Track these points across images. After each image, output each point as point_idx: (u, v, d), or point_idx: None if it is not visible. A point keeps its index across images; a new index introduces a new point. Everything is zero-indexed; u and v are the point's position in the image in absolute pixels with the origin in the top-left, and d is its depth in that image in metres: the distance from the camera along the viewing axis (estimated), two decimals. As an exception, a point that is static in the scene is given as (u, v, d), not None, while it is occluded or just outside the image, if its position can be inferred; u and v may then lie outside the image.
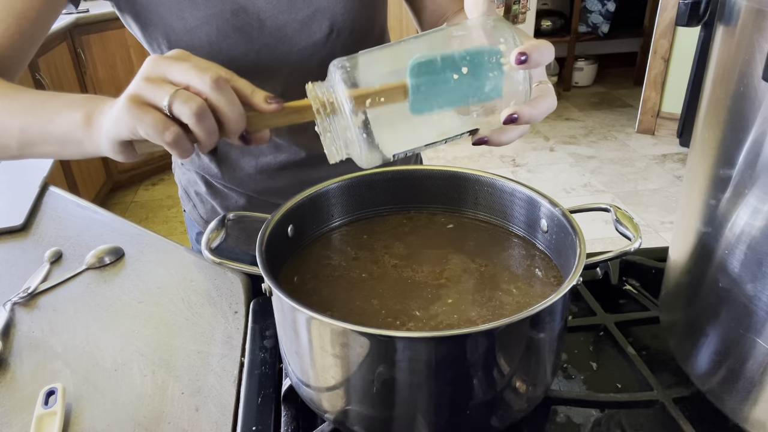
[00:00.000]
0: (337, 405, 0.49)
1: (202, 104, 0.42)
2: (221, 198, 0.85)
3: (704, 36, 2.99)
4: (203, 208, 0.87)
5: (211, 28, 0.65)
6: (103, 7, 2.84)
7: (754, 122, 0.43)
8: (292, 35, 0.69)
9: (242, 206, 0.82)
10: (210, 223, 0.74)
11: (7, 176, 1.08)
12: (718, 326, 0.50)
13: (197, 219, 0.88)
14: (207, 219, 0.86)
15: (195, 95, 0.43)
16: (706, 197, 0.50)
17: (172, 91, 0.42)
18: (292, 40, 0.69)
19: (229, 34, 0.66)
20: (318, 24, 0.69)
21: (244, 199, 0.83)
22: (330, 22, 0.70)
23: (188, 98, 0.42)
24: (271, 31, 0.68)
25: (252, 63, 0.69)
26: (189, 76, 0.43)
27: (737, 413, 0.49)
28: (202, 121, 0.43)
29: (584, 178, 3.12)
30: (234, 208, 0.83)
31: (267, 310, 0.70)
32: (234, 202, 0.83)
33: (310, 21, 0.69)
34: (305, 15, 0.68)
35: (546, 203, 0.58)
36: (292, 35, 0.69)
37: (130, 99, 0.43)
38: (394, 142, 0.47)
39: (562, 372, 0.61)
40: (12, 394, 0.60)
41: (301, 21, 0.68)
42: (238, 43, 0.67)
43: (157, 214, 2.92)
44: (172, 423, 0.56)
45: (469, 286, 0.56)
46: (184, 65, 0.43)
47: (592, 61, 4.43)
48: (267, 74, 0.71)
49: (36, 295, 0.75)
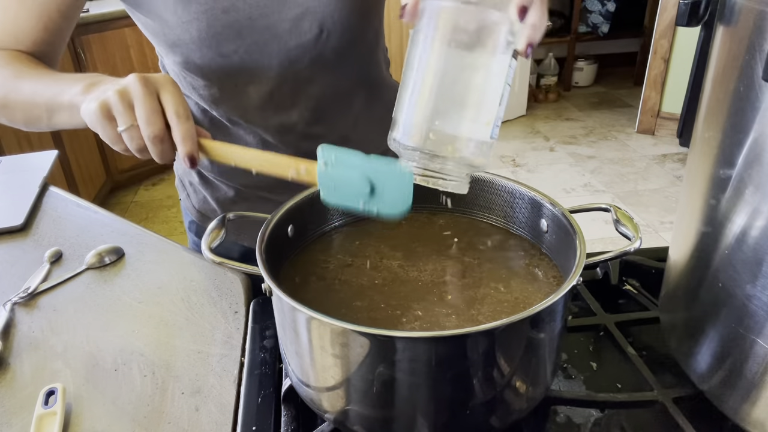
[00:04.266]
0: (337, 405, 0.49)
1: (142, 145, 0.54)
2: (212, 189, 0.86)
3: (704, 36, 2.99)
4: (196, 197, 0.88)
5: (202, 24, 0.66)
6: (103, 7, 2.84)
7: (754, 122, 0.43)
8: (281, 34, 0.69)
9: (231, 198, 0.84)
10: (201, 212, 0.78)
11: (7, 176, 1.08)
12: (718, 326, 0.50)
13: (190, 208, 0.90)
14: (199, 208, 0.88)
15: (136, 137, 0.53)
16: (706, 197, 0.50)
17: (128, 125, 0.53)
18: (282, 40, 0.70)
19: (220, 30, 0.67)
20: (308, 24, 0.69)
21: (233, 191, 0.84)
22: (320, 23, 0.70)
23: (133, 138, 0.54)
24: (261, 29, 0.68)
25: (241, 60, 0.70)
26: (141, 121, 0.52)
27: (737, 413, 0.49)
28: (141, 153, 0.55)
29: (584, 178, 3.12)
30: (224, 199, 0.85)
31: (267, 310, 0.70)
32: (224, 194, 0.85)
33: (300, 21, 0.69)
34: (295, 15, 0.68)
35: (546, 203, 0.58)
36: (282, 34, 0.69)
37: (101, 107, 0.53)
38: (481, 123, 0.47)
39: (562, 372, 0.61)
40: (12, 394, 0.60)
41: (291, 21, 0.69)
42: (228, 40, 0.68)
43: (157, 214, 2.92)
44: (172, 423, 0.56)
45: (468, 285, 0.56)
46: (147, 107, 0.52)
47: (592, 61, 4.43)
48: (256, 72, 0.71)
49: (36, 295, 0.75)
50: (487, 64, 0.46)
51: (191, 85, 0.75)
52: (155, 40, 0.72)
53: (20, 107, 0.64)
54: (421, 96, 0.47)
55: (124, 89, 0.52)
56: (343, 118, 0.80)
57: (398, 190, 0.49)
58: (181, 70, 0.73)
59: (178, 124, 0.53)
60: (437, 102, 0.46)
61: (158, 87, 0.53)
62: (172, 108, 0.53)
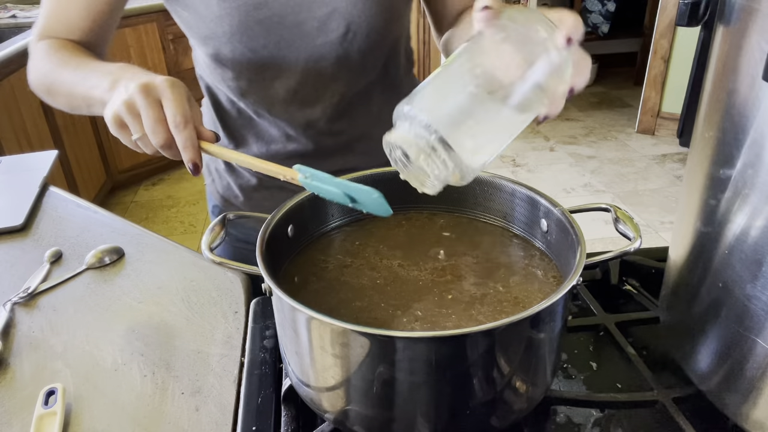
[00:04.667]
0: (337, 405, 0.49)
1: (153, 150, 0.57)
2: (236, 176, 0.88)
3: (704, 36, 2.98)
4: (220, 183, 0.91)
5: (234, 19, 0.69)
6: (103, 7, 2.84)
7: (754, 122, 0.43)
8: (309, 32, 0.72)
9: (253, 185, 0.87)
10: (225, 197, 0.85)
11: (7, 176, 1.08)
12: (718, 326, 0.50)
13: (214, 193, 0.93)
14: (222, 194, 0.91)
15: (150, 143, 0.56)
16: (706, 197, 0.50)
17: (139, 135, 0.56)
18: (309, 37, 0.72)
19: (251, 26, 0.70)
20: (335, 23, 0.72)
21: (256, 179, 0.87)
22: (347, 23, 0.72)
23: (146, 145, 0.57)
24: (290, 26, 0.71)
25: (270, 55, 0.73)
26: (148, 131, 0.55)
27: (737, 413, 0.49)
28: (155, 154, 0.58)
29: (584, 178, 3.12)
30: (246, 186, 0.88)
31: (267, 310, 0.70)
32: (246, 181, 0.87)
33: (328, 20, 0.72)
34: (323, 14, 0.71)
35: (546, 203, 0.58)
36: (310, 32, 0.72)
37: (115, 117, 0.56)
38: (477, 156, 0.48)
39: (562, 372, 0.61)
40: (12, 394, 0.60)
41: (319, 19, 0.71)
42: (257, 35, 0.71)
43: (157, 214, 2.92)
44: (172, 423, 0.56)
45: (468, 285, 0.56)
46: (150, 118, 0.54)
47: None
48: (283, 67, 0.74)
49: (36, 295, 0.75)
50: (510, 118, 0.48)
51: (221, 76, 0.78)
52: (189, 32, 0.76)
53: (63, 96, 0.69)
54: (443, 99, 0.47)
55: (130, 100, 0.55)
56: (365, 115, 0.83)
57: (375, 203, 0.52)
58: (211, 61, 0.76)
59: (177, 134, 0.54)
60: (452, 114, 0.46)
61: (160, 95, 0.55)
62: (171, 117, 0.54)
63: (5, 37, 2.49)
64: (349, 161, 0.83)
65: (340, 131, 0.82)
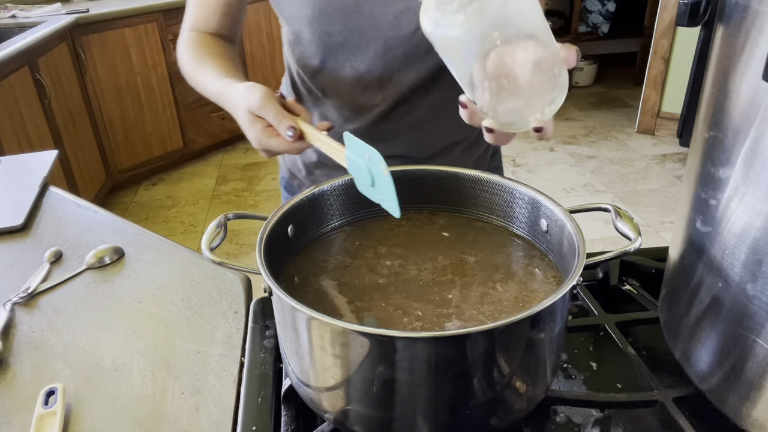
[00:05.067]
0: (337, 405, 0.49)
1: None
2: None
3: (704, 36, 2.99)
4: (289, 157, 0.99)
5: (316, 4, 0.76)
6: (103, 7, 2.84)
7: (753, 122, 0.43)
8: (382, 25, 0.76)
9: (314, 162, 0.94)
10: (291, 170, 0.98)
11: (7, 176, 1.08)
12: (718, 326, 0.50)
13: (282, 166, 1.02)
14: (289, 167, 0.99)
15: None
16: (706, 197, 0.50)
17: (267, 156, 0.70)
18: (382, 29, 0.77)
19: (330, 12, 0.77)
20: (407, 20, 0.76)
21: (316, 157, 0.93)
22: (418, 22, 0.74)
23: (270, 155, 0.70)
24: (366, 17, 0.76)
25: (344, 40, 0.79)
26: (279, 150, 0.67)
27: (737, 413, 0.49)
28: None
29: (584, 178, 3.12)
30: (308, 162, 0.95)
31: (267, 310, 0.70)
32: (309, 157, 0.94)
33: (401, 16, 0.75)
34: (398, 10, 0.75)
35: (546, 203, 0.58)
36: (383, 25, 0.76)
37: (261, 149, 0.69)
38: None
39: (562, 372, 0.61)
40: (12, 394, 0.60)
41: (393, 14, 0.75)
42: (335, 22, 0.78)
43: (157, 214, 2.92)
44: (172, 423, 0.56)
45: (468, 285, 0.56)
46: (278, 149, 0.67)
47: (592, 61, 4.43)
48: (354, 54, 0.80)
49: (36, 295, 0.75)
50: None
51: (299, 54, 0.85)
52: (278, 11, 0.83)
53: (199, 87, 0.81)
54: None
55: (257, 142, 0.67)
56: (421, 106, 0.86)
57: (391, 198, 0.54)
58: (294, 39, 0.84)
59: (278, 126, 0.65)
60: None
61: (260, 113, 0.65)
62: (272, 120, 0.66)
63: (5, 37, 2.49)
64: (396, 148, 0.87)
65: (396, 118, 0.86)
